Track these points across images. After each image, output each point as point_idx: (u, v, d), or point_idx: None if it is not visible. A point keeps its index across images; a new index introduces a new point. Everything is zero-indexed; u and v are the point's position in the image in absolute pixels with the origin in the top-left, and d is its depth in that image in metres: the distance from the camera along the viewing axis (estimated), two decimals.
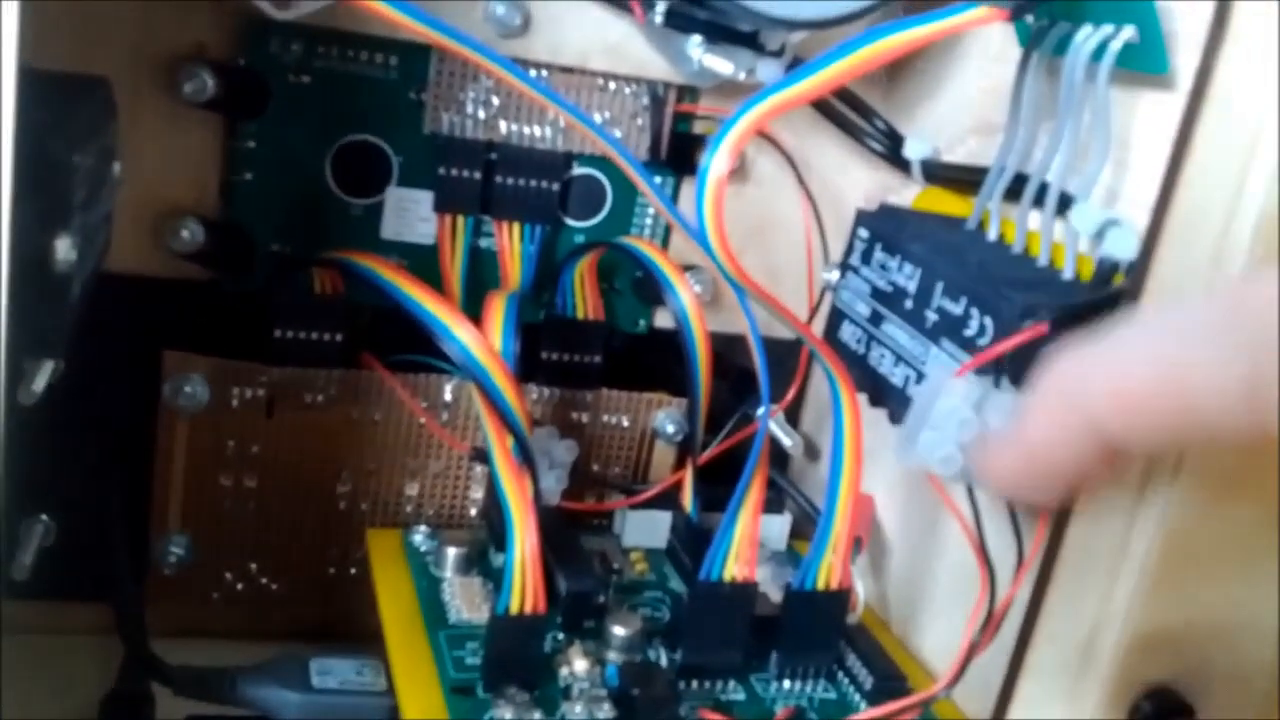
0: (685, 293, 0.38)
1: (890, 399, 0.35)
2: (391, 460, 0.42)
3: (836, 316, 0.38)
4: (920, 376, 0.34)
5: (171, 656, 0.39)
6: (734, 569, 0.35)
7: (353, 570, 0.43)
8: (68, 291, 0.29)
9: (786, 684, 0.36)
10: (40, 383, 0.37)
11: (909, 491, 0.41)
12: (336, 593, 0.43)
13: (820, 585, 0.35)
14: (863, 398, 0.35)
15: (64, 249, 0.27)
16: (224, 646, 0.40)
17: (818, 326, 0.42)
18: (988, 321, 0.31)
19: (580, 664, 0.34)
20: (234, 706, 0.35)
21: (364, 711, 0.34)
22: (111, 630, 0.41)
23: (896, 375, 0.35)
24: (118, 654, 0.40)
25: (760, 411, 0.35)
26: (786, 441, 0.45)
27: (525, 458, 0.36)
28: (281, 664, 0.35)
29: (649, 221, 0.44)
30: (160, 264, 0.40)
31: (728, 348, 0.42)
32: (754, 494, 0.34)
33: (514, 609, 0.33)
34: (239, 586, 0.43)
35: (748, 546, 0.35)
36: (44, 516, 0.40)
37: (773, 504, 0.44)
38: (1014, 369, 0.30)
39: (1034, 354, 0.29)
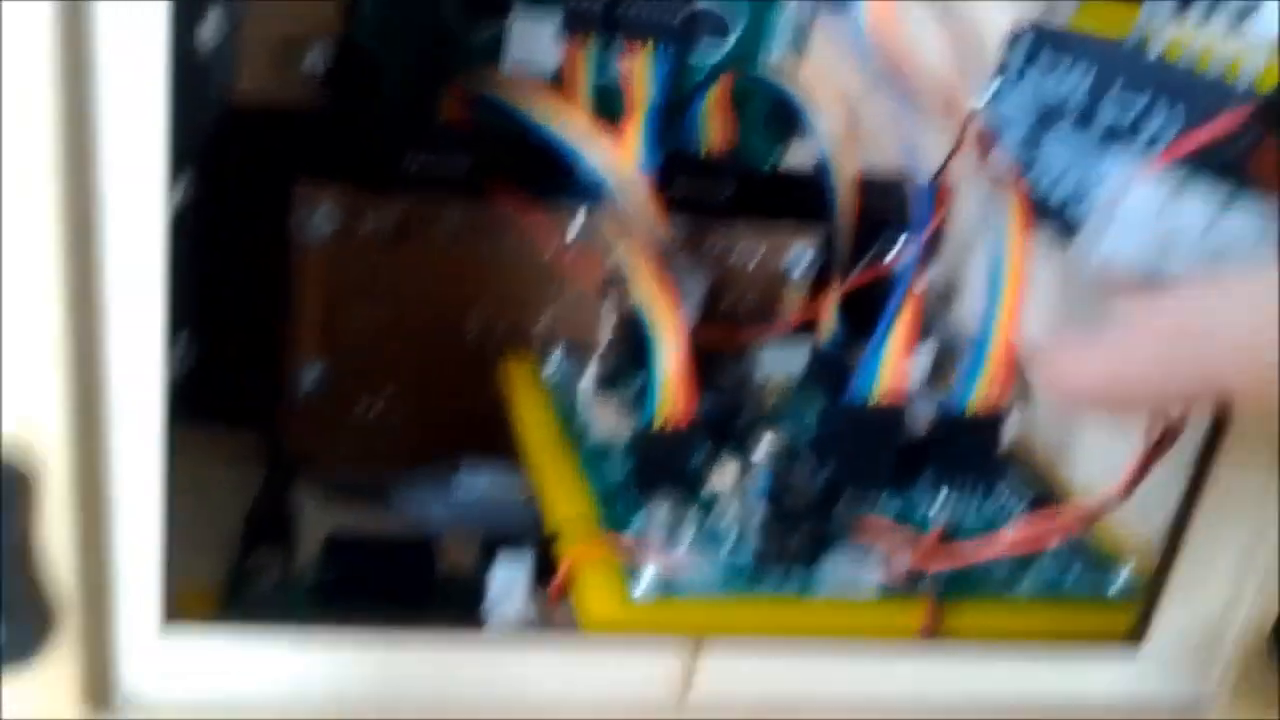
0: (826, 120, 0.36)
1: (1049, 219, 0.33)
2: (521, 293, 0.42)
3: (986, 141, 0.36)
4: (1082, 196, 0.32)
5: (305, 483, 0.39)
6: (883, 390, 0.34)
7: (486, 402, 0.43)
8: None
9: (940, 502, 0.35)
10: (177, 197, 0.37)
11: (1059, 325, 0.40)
12: (470, 428, 0.43)
13: (975, 406, 0.34)
14: None
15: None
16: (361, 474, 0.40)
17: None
18: (1178, 110, 0.29)
19: (729, 475, 0.34)
20: (380, 512, 0.35)
21: (512, 518, 0.34)
22: (249, 460, 0.41)
23: (1055, 195, 0.33)
24: (257, 483, 0.40)
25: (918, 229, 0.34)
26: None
27: (665, 279, 0.35)
28: (429, 473, 0.34)
29: (783, 48, 0.43)
30: (287, 92, 0.39)
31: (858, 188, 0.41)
32: (909, 311, 0.33)
33: (661, 421, 0.32)
34: (371, 418, 0.42)
35: (899, 367, 0.33)
36: (184, 337, 0.41)
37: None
38: (1209, 163, 0.28)
39: (1229, 149, 0.27)
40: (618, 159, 0.33)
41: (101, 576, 0.23)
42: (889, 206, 0.41)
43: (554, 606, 0.30)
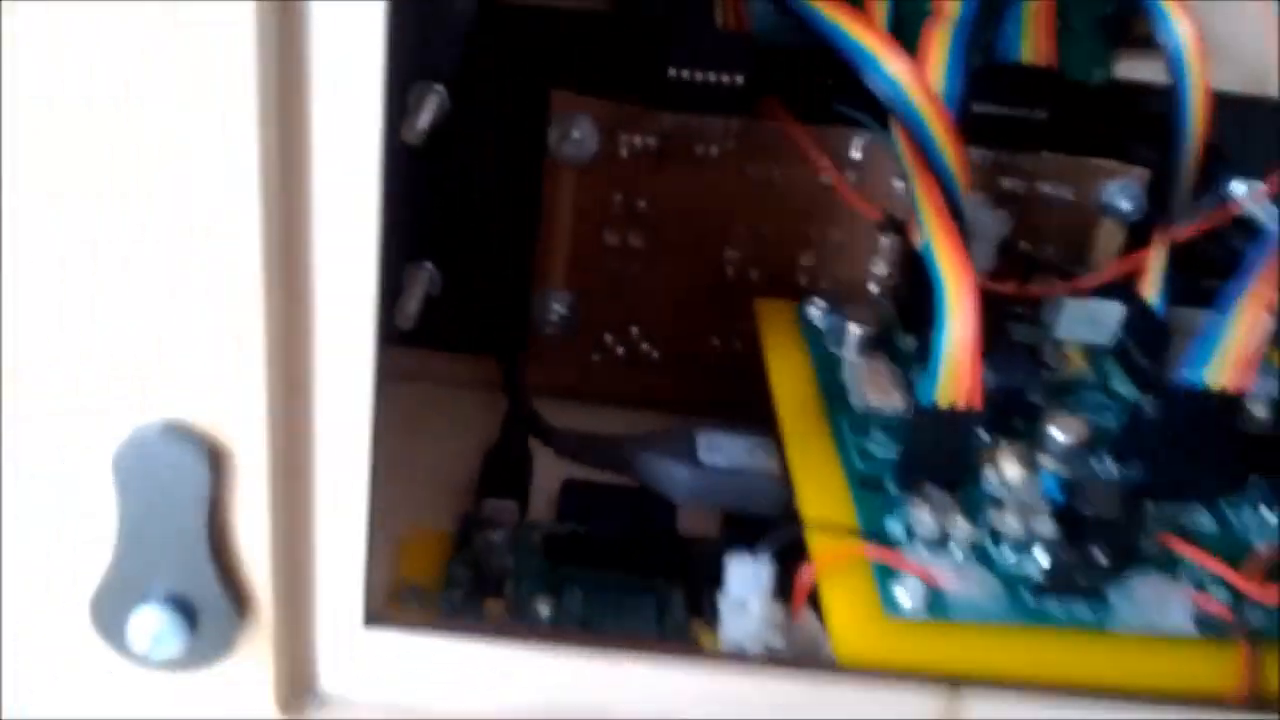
0: (1183, 22, 0.30)
1: None
2: (789, 225, 0.38)
3: None
4: None
5: (547, 416, 0.37)
6: (1223, 374, 0.28)
7: (738, 344, 0.39)
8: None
9: (1266, 513, 0.29)
10: (425, 119, 0.34)
11: None
12: (720, 367, 0.40)
13: None
14: None
15: None
16: (600, 412, 0.38)
17: None
18: None
19: (1011, 469, 0.29)
20: (615, 473, 0.32)
21: (757, 494, 0.30)
22: (493, 385, 0.39)
23: None
24: (498, 410, 0.39)
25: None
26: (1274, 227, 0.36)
27: (959, 224, 0.30)
28: (668, 435, 0.31)
29: None
30: None
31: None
32: (1265, 280, 0.27)
33: (942, 400, 0.28)
34: (619, 350, 0.40)
35: (1247, 348, 0.27)
36: (429, 264, 0.39)
37: None
38: None
39: None
40: (917, 73, 0.28)
41: (300, 570, 0.21)
42: (1249, 137, 0.34)
43: (796, 618, 0.26)
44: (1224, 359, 0.27)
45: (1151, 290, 0.33)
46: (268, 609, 0.21)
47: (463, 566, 0.33)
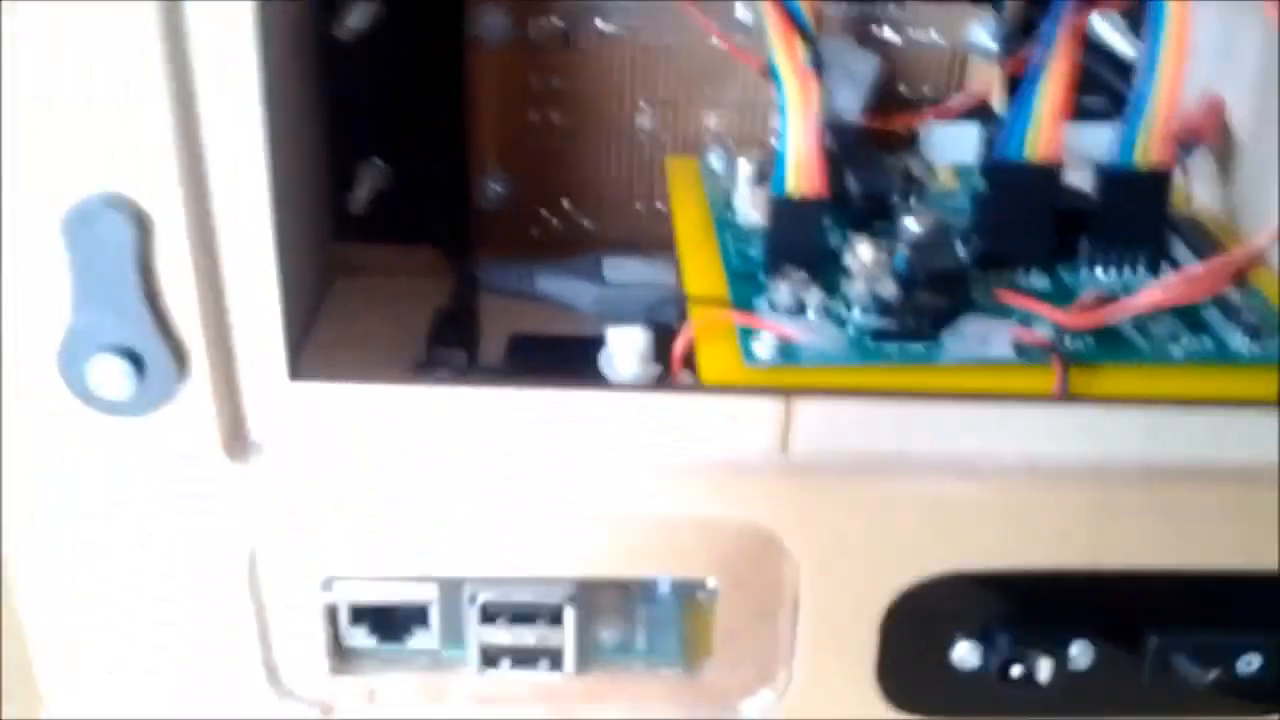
0: None
1: None
2: (688, 89, 0.42)
3: None
4: None
5: None
6: (1035, 147, 0.32)
7: (659, 205, 0.43)
8: None
9: (1099, 272, 0.33)
10: (357, 19, 0.39)
11: (1268, 95, 0.36)
12: (645, 229, 0.44)
13: (1138, 162, 0.31)
14: None
15: None
16: None
17: None
18: None
19: (866, 250, 0.33)
20: (531, 299, 0.37)
21: (655, 304, 0.35)
22: (442, 272, 0.43)
23: None
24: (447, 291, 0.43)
25: None
26: (1123, 46, 0.40)
27: (813, 57, 0.34)
28: (577, 261, 0.36)
29: None
30: None
31: None
32: (1062, 55, 0.31)
33: (791, 188, 0.32)
34: (555, 223, 0.44)
35: (1052, 119, 0.31)
36: (377, 158, 0.43)
37: (1104, 113, 0.39)
38: None
39: None
40: None
41: (225, 325, 0.26)
42: None
43: (677, 376, 0.30)
44: (1032, 127, 0.31)
45: (998, 106, 0.37)
46: (202, 359, 0.25)
47: None
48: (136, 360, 0.25)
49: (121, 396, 0.25)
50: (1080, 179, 0.35)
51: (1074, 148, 0.34)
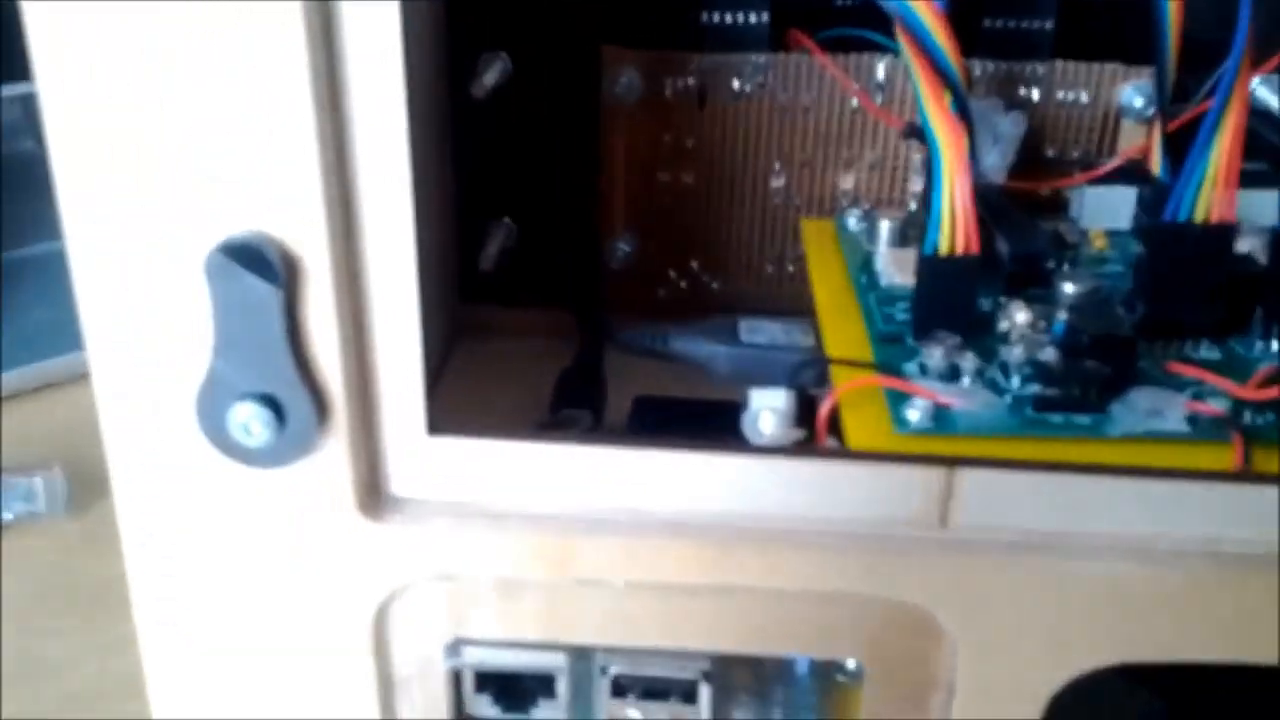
0: None
1: None
2: (824, 149, 0.41)
3: None
4: None
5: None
6: (1206, 206, 0.30)
7: (790, 269, 0.42)
8: None
9: (1275, 345, 0.31)
10: (490, 78, 0.39)
11: None
12: (777, 292, 0.43)
13: None
14: None
15: None
16: None
17: None
18: None
19: (1023, 315, 0.31)
20: (664, 359, 0.36)
21: (793, 363, 0.33)
22: (568, 333, 0.43)
23: None
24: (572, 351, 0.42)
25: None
26: None
27: (960, 106, 0.33)
28: (712, 322, 0.34)
29: None
30: None
31: (1207, 5, 0.36)
32: (1230, 121, 0.29)
33: (943, 248, 0.30)
34: (683, 285, 0.43)
35: (1224, 178, 0.30)
36: (507, 219, 0.43)
37: (1265, 177, 0.37)
38: None
39: None
40: None
41: (368, 376, 0.25)
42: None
43: (822, 441, 0.29)
44: (1204, 187, 0.30)
45: (1154, 166, 0.35)
46: (343, 411, 0.25)
47: None
48: (278, 409, 0.24)
49: (261, 445, 0.24)
50: (1249, 246, 0.33)
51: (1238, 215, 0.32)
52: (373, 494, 0.26)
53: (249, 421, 0.24)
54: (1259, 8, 0.30)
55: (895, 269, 0.35)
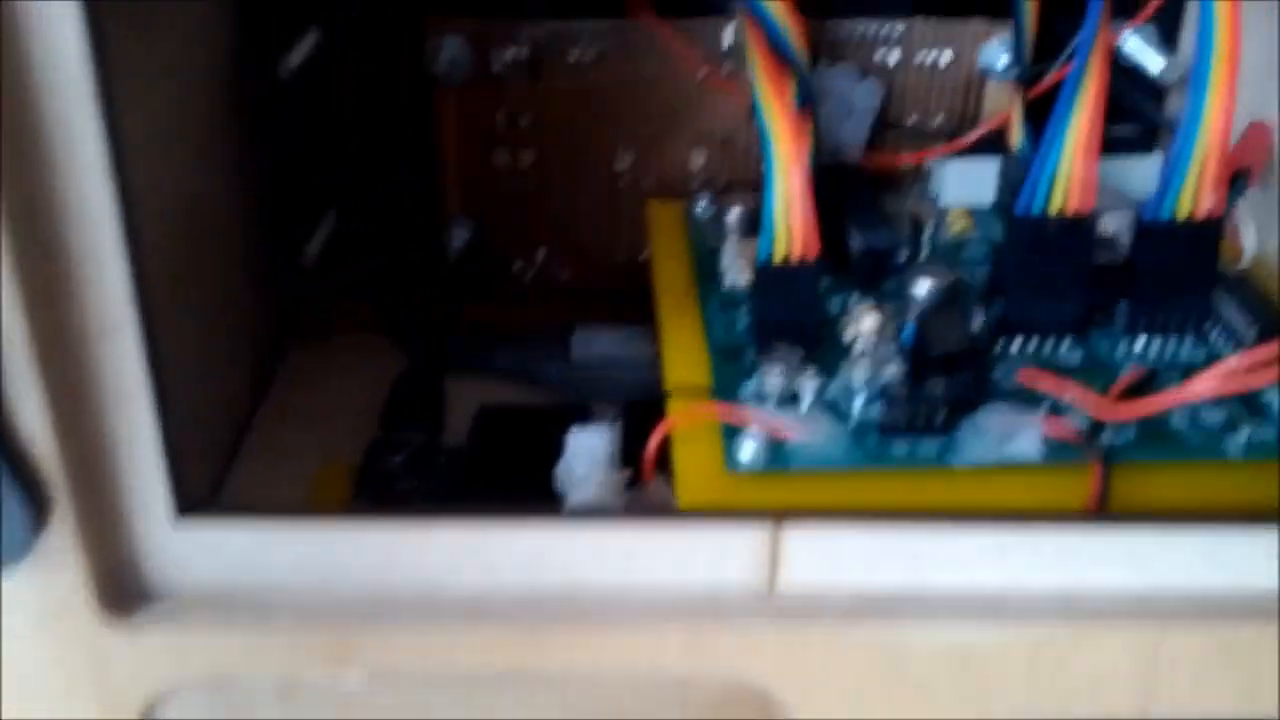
0: None
1: None
2: (672, 125, 0.37)
3: None
4: None
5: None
6: (1062, 197, 0.27)
7: (644, 255, 0.39)
8: None
9: (1139, 342, 0.29)
10: (298, 56, 0.35)
11: None
12: (629, 279, 0.39)
13: (1181, 214, 0.27)
14: None
15: None
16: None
17: None
18: None
19: (869, 321, 0.28)
20: (495, 377, 0.33)
21: (626, 381, 0.30)
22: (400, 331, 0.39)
23: None
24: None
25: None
26: (1155, 64, 0.35)
27: (805, 94, 0.30)
28: (543, 333, 0.31)
29: None
30: None
31: None
32: (1087, 98, 0.26)
33: (778, 256, 0.27)
34: (528, 274, 0.40)
35: (1081, 168, 0.27)
36: (331, 206, 0.39)
37: (1138, 142, 0.35)
38: None
39: None
40: None
41: (95, 460, 0.21)
42: None
43: (648, 478, 0.26)
44: (1059, 179, 0.27)
45: (1016, 139, 0.32)
46: (65, 504, 0.21)
47: (368, 491, 0.33)
48: None
49: None
50: (1111, 221, 0.30)
51: (1101, 182, 0.29)
52: (119, 591, 0.22)
53: None
54: None
55: (740, 266, 0.32)
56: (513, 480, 0.33)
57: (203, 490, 0.24)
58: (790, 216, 0.27)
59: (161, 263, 0.22)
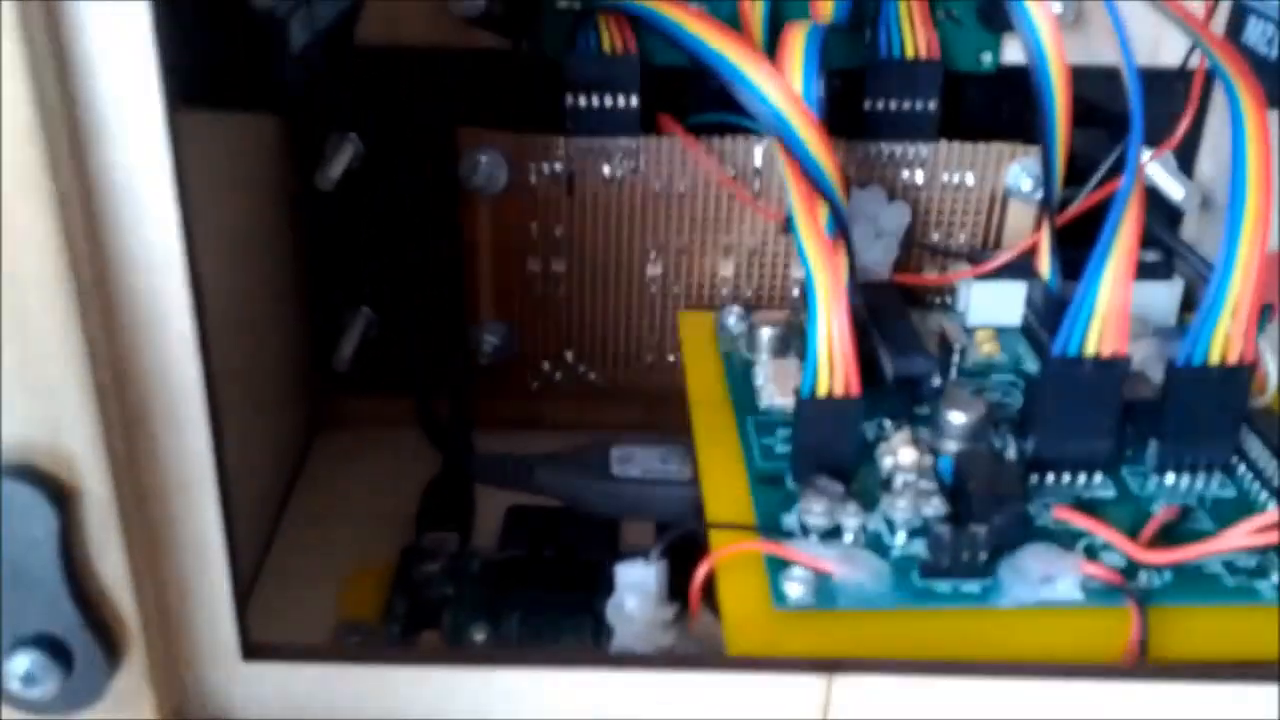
0: (1039, 12, 0.30)
1: None
2: (702, 237, 0.38)
3: (1239, 14, 0.29)
4: None
5: (494, 448, 0.37)
6: (1098, 340, 0.28)
7: (671, 359, 0.40)
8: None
9: (1169, 479, 0.29)
10: (339, 166, 0.36)
11: None
12: (657, 383, 0.40)
13: (1213, 358, 0.28)
14: (1275, 115, 0.27)
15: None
16: (547, 438, 0.38)
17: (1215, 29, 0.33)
18: None
19: (907, 454, 0.29)
20: (532, 493, 0.33)
21: (667, 501, 0.31)
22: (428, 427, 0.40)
23: None
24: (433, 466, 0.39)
25: (1132, 149, 0.27)
26: (1175, 191, 0.36)
27: (838, 222, 0.31)
28: (582, 452, 0.32)
29: None
30: (448, 32, 0.37)
31: (1098, 85, 0.34)
32: (1122, 246, 0.27)
33: (821, 390, 0.28)
34: (557, 376, 0.41)
35: (1115, 312, 0.28)
36: (365, 308, 0.40)
37: (1159, 269, 0.36)
38: None
39: None
40: (781, 81, 0.29)
41: (168, 607, 0.22)
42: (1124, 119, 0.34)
43: (694, 614, 0.26)
44: (1095, 322, 0.28)
45: (1044, 267, 0.33)
46: (139, 648, 0.21)
47: (403, 599, 0.34)
48: (63, 653, 0.21)
49: (43, 695, 0.21)
50: (1136, 350, 0.31)
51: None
52: None
53: (30, 671, 0.21)
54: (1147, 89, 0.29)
55: (775, 387, 0.33)
56: (547, 589, 0.34)
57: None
58: (833, 353, 0.28)
59: (225, 393, 0.22)
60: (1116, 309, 0.28)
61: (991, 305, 0.36)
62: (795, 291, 0.39)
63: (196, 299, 0.20)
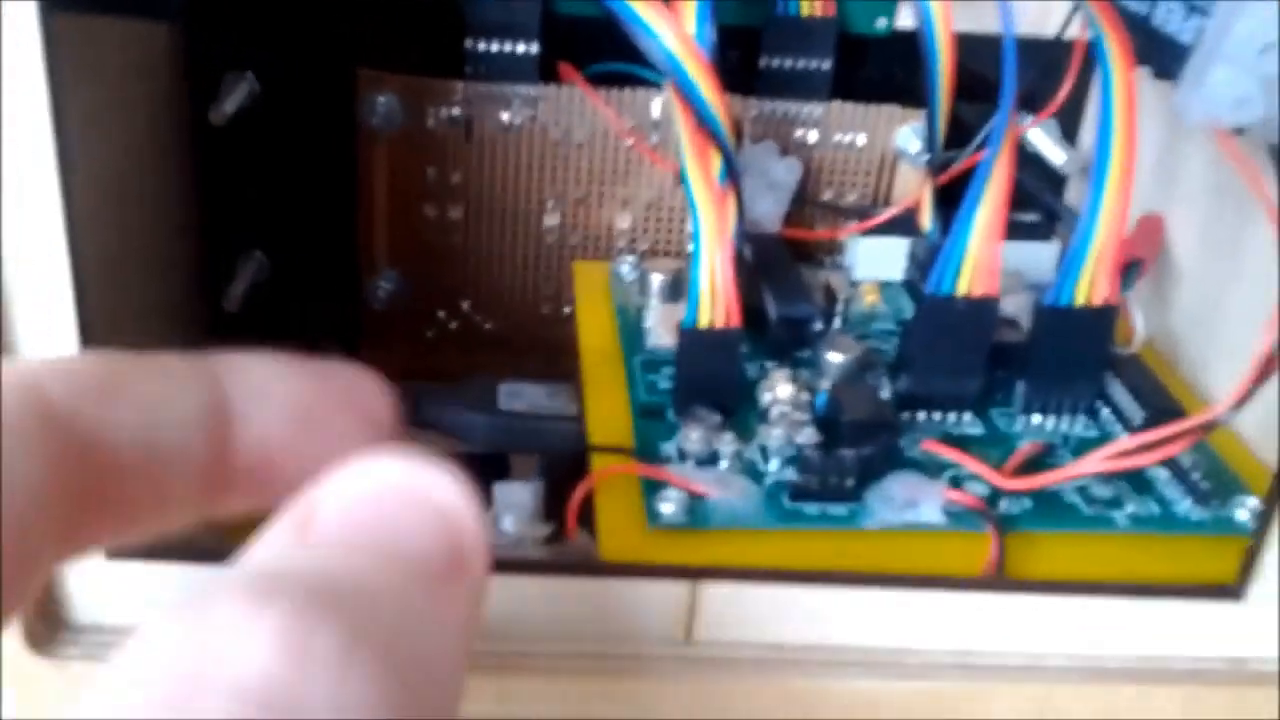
0: None
1: (1179, 63, 0.27)
2: (599, 188, 0.39)
3: None
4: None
5: None
6: (969, 281, 0.29)
7: (566, 309, 0.40)
8: None
9: (1035, 419, 0.30)
10: (232, 103, 0.35)
11: (1209, 211, 0.34)
12: (553, 333, 0.40)
13: (1079, 300, 0.29)
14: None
15: None
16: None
17: None
18: None
19: (785, 389, 0.30)
20: (419, 428, 0.33)
21: (551, 435, 0.31)
22: None
23: (1187, 31, 0.27)
24: None
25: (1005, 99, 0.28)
26: (1056, 156, 0.38)
27: (729, 170, 0.31)
28: (469, 386, 0.32)
29: None
30: None
31: (985, 51, 0.35)
32: (994, 190, 0.28)
33: (703, 321, 0.29)
34: (452, 325, 0.41)
35: (987, 254, 0.29)
36: (258, 251, 0.40)
37: (1038, 229, 0.37)
38: None
39: None
40: (673, 27, 0.29)
41: None
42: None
43: (570, 534, 0.27)
44: (966, 263, 0.29)
45: (926, 222, 0.34)
46: None
47: None
48: None
49: None
50: (1011, 303, 0.32)
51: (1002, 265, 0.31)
52: (47, 625, 0.23)
53: None
54: (1030, 57, 0.30)
55: (663, 329, 0.33)
56: None
57: None
58: (715, 285, 0.28)
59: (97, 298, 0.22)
60: (987, 251, 0.29)
61: (876, 260, 0.37)
62: (690, 246, 0.39)
63: (72, 235, 0.20)
